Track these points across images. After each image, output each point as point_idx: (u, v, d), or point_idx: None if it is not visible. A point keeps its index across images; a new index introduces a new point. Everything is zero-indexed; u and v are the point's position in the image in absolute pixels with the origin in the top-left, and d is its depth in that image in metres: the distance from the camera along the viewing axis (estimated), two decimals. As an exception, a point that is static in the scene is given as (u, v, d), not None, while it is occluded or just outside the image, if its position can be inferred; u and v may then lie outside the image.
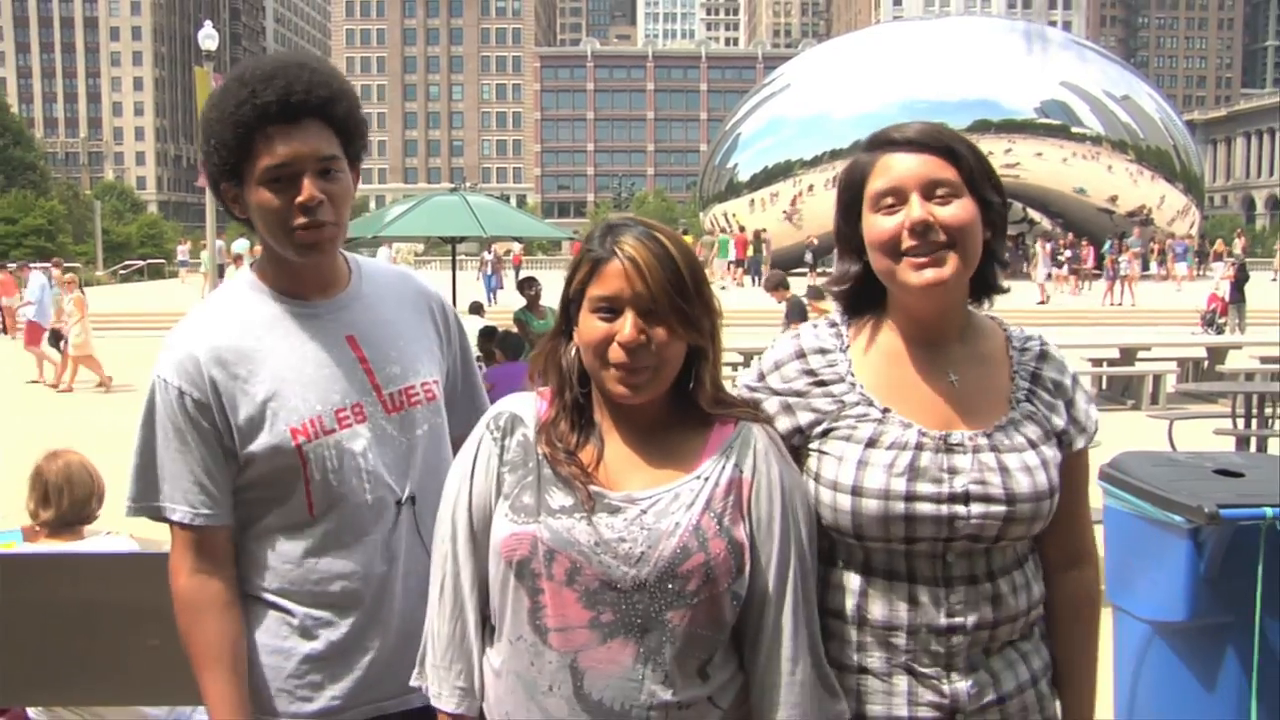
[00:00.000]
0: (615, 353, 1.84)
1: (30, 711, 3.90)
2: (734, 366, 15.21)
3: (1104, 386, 16.62)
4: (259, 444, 2.17)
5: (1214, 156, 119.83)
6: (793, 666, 1.89)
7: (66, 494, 4.09)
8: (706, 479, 1.89)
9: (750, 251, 39.65)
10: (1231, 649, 3.49)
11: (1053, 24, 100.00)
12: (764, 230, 40.88)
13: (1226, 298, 25.07)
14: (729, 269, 39.91)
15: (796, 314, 12.78)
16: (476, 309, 15.56)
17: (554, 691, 1.84)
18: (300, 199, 2.13)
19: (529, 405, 2.00)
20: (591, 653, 1.82)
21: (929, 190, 1.93)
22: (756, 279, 38.57)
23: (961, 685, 1.95)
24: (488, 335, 11.17)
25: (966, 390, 2.01)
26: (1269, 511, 3.42)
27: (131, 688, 3.46)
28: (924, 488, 1.93)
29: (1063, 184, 42.42)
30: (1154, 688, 3.74)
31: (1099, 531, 4.95)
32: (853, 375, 2.04)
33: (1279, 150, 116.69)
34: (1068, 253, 37.39)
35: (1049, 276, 32.30)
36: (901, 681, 1.96)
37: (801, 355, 2.08)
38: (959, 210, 1.93)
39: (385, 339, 2.31)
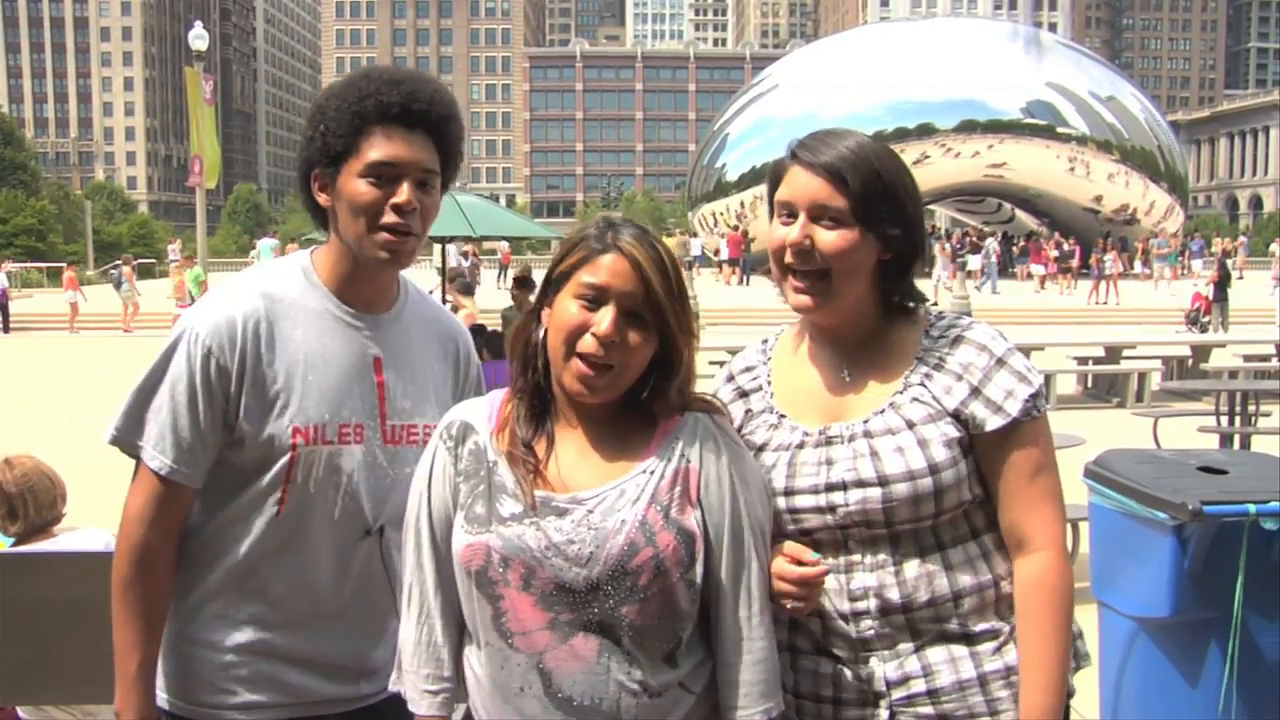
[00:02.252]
0: (586, 343, 1.85)
1: (21, 711, 3.90)
2: (723, 365, 15.23)
3: (1089, 385, 16.68)
4: (260, 428, 2.17)
5: (1198, 157, 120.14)
6: (753, 646, 1.91)
7: (30, 502, 4.04)
8: (652, 472, 1.90)
9: (744, 250, 39.68)
10: (1215, 644, 3.52)
11: (1038, 25, 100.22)
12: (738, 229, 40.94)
13: (1210, 296, 25.18)
14: (721, 268, 39.95)
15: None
16: (467, 289, 15.51)
17: (526, 692, 1.86)
18: (397, 200, 2.14)
19: (480, 412, 2.02)
20: (555, 652, 1.84)
21: (817, 214, 2.01)
22: (748, 278, 38.66)
23: (880, 670, 2.00)
24: (476, 333, 11.18)
25: (858, 385, 2.08)
26: (1252, 508, 3.46)
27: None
28: (802, 482, 2.03)
29: (1047, 184, 42.52)
30: (1138, 683, 3.77)
31: (1084, 529, 4.99)
32: (769, 384, 2.17)
33: (1261, 150, 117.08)
34: (1056, 251, 37.57)
35: (954, 275, 30.46)
36: (827, 664, 2.04)
37: (730, 378, 2.25)
38: (838, 240, 1.99)
39: (407, 372, 2.31)
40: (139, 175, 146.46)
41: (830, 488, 2.01)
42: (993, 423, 1.99)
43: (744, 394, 2.18)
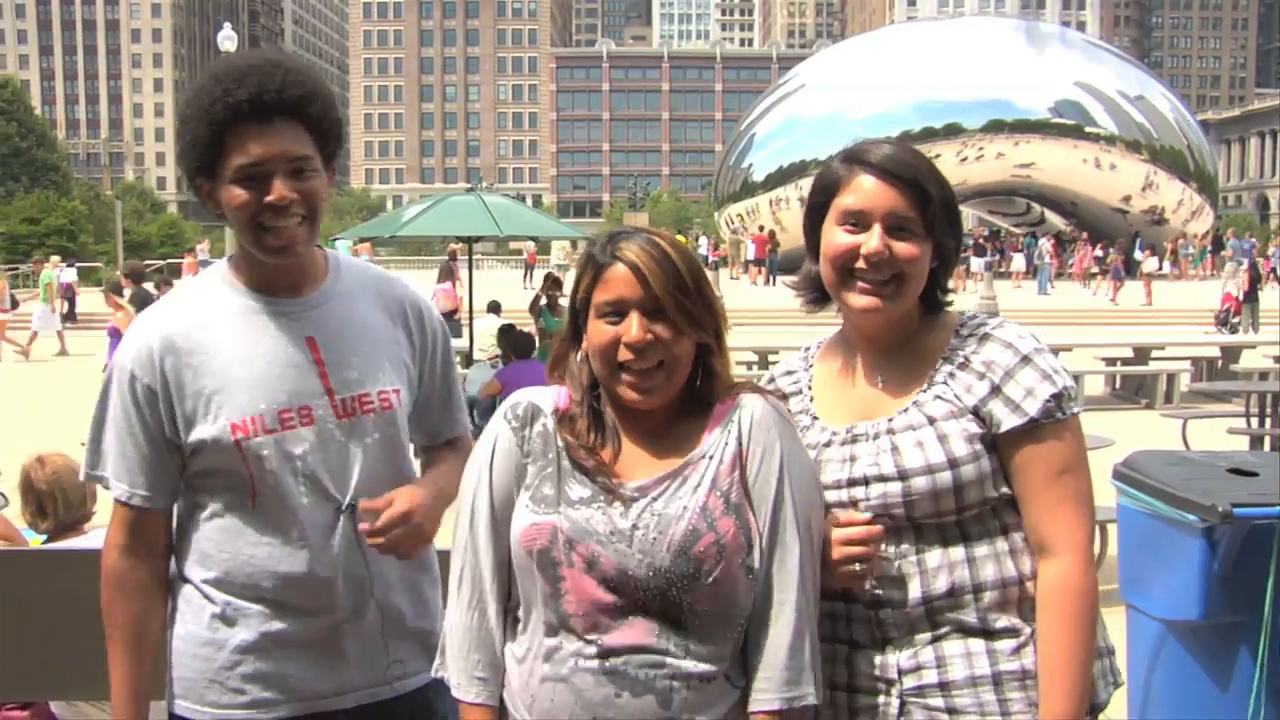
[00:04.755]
0: (623, 353, 1.91)
1: (54, 706, 3.93)
2: (749, 366, 15.25)
3: (1118, 386, 16.59)
4: (201, 434, 2.20)
5: (1228, 156, 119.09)
6: (781, 632, 1.92)
7: (61, 500, 4.08)
8: (711, 457, 1.95)
9: (770, 250, 39.65)
10: (1244, 648, 3.49)
11: (1066, 24, 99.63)
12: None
13: (1241, 297, 24.97)
14: (747, 268, 39.93)
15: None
16: (494, 308, 15.58)
17: (579, 671, 1.87)
18: (270, 199, 2.13)
19: (548, 396, 2.05)
20: (614, 635, 1.87)
21: (894, 224, 2.03)
22: (774, 278, 38.60)
23: (894, 659, 2.02)
24: (505, 333, 11.19)
25: (889, 387, 2.11)
26: (1282, 510, 3.43)
27: (153, 682, 3.49)
28: (826, 477, 2.07)
29: (1075, 184, 42.30)
30: (1167, 686, 3.75)
31: (1113, 531, 4.96)
32: (810, 388, 2.22)
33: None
34: (1097, 252, 37.41)
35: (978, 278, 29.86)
36: (842, 649, 2.06)
37: (771, 380, 2.30)
38: (914, 249, 2.04)
39: (347, 343, 2.29)
40: (168, 175, 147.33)
41: (853, 482, 2.04)
42: (1010, 421, 1.99)
43: (783, 396, 2.21)
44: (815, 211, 2.14)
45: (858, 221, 2.05)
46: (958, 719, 1.99)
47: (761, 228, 42.14)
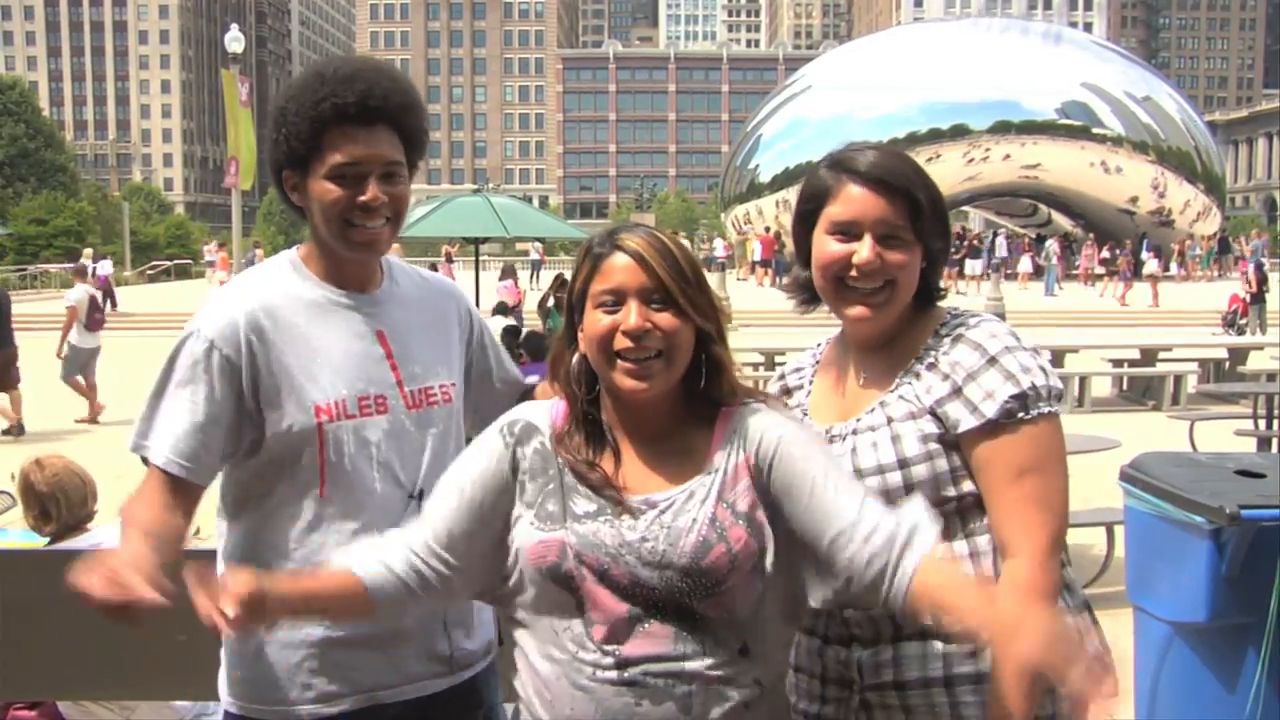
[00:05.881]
0: (620, 340, 1.88)
1: (61, 706, 3.95)
2: (755, 367, 15.24)
3: (1125, 387, 16.56)
4: (283, 413, 2.22)
5: (1235, 157, 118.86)
6: (866, 513, 1.87)
7: (63, 502, 4.09)
8: (717, 470, 1.93)
9: (776, 251, 39.63)
10: (1252, 650, 3.49)
11: (1073, 25, 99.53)
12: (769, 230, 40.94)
13: (1247, 298, 24.92)
14: (754, 269, 39.92)
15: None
16: (501, 309, 15.61)
17: (598, 682, 1.88)
18: (364, 198, 2.21)
19: (543, 413, 2.04)
20: (631, 645, 1.87)
21: (885, 233, 2.04)
22: (781, 278, 38.58)
23: (857, 656, 2.05)
24: (512, 334, 11.21)
25: (867, 386, 2.13)
26: (1290, 513, 3.42)
27: (160, 682, 3.50)
28: None
29: (1082, 185, 42.24)
30: (1174, 688, 3.75)
31: (1120, 532, 4.95)
32: (810, 384, 2.27)
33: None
34: (1108, 254, 37.36)
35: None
36: (815, 642, 2.11)
37: (781, 377, 2.36)
38: (905, 257, 2.05)
39: (411, 339, 2.38)
40: (175, 177, 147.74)
41: None
42: (967, 423, 1.98)
43: (788, 390, 2.29)
44: (804, 219, 2.15)
45: (848, 231, 2.06)
46: (913, 719, 2.00)
47: (768, 229, 42.13)
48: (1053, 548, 1.95)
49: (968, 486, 2.01)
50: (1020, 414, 1.96)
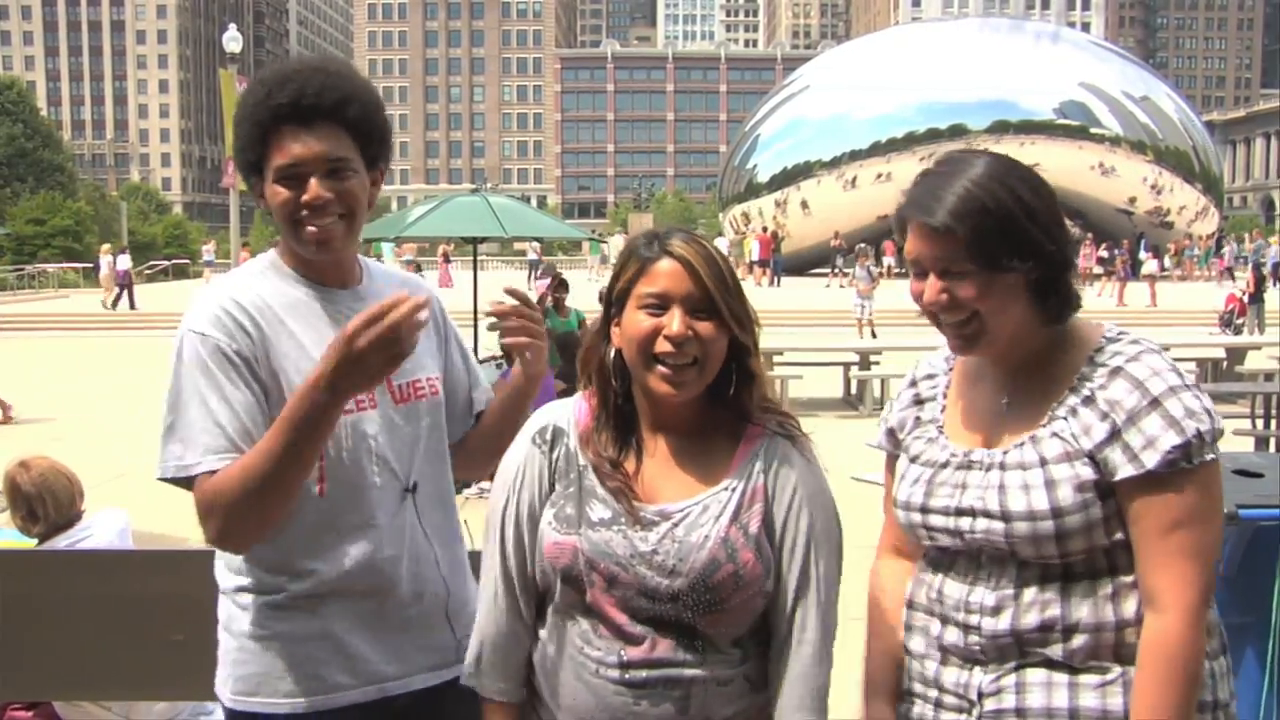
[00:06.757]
0: (661, 345, 1.93)
1: (58, 706, 3.94)
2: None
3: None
4: (277, 411, 2.18)
5: (1233, 157, 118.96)
6: (801, 664, 1.99)
7: (50, 502, 4.07)
8: (733, 490, 1.98)
9: (774, 251, 39.68)
10: (1251, 649, 3.49)
11: (1071, 25, 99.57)
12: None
13: (1245, 299, 24.91)
14: (751, 269, 39.94)
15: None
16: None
17: (601, 679, 1.96)
18: (305, 198, 2.21)
19: (568, 414, 2.10)
20: (635, 650, 1.95)
21: (944, 269, 1.96)
22: (778, 278, 38.61)
23: (977, 680, 1.98)
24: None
25: (1014, 412, 2.02)
26: (1288, 512, 3.42)
27: (156, 682, 3.50)
28: (936, 501, 2.03)
29: (1080, 185, 42.26)
30: (1172, 687, 3.74)
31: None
32: (945, 396, 2.16)
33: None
34: (1102, 252, 37.38)
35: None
36: (931, 666, 2.04)
37: (913, 383, 2.23)
38: (973, 288, 1.94)
39: None
40: (174, 177, 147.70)
41: (960, 512, 1.99)
42: (1124, 471, 1.87)
43: (919, 401, 2.19)
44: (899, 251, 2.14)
45: (920, 271, 2.00)
46: None
47: (765, 229, 42.16)
48: (1203, 602, 1.89)
49: (1119, 535, 1.92)
50: (1182, 463, 1.86)
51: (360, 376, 2.02)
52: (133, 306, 31.62)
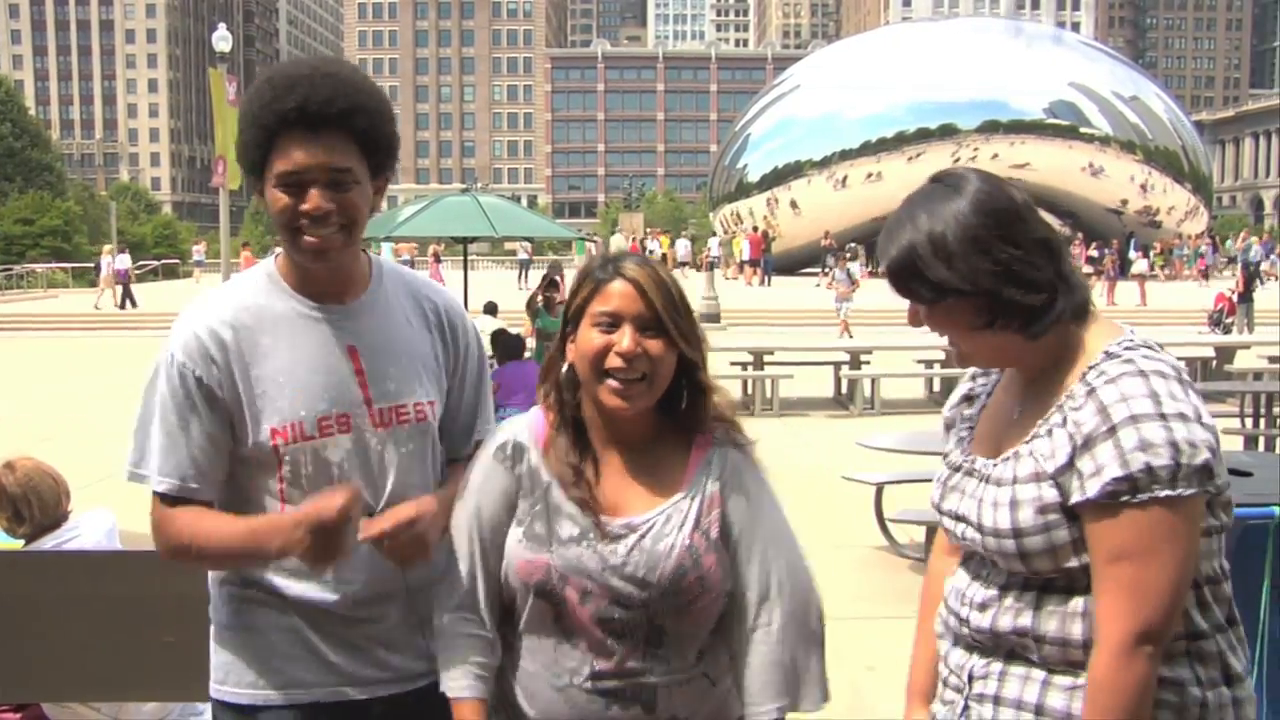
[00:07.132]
0: (613, 360, 2.04)
1: (46, 708, 3.93)
2: (744, 365, 15.25)
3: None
4: (245, 434, 2.21)
5: (1222, 157, 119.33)
6: (768, 649, 2.11)
7: (36, 503, 4.06)
8: (693, 498, 2.11)
9: (764, 250, 39.71)
10: (1240, 648, 3.49)
11: (1061, 25, 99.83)
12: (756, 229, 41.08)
13: (1234, 298, 25.00)
14: (742, 268, 40.00)
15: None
16: (490, 309, 15.57)
17: (572, 684, 2.07)
18: (305, 207, 2.16)
19: (528, 429, 2.18)
20: (605, 661, 2.07)
21: (917, 306, 2.02)
22: (768, 278, 38.64)
23: (969, 663, 2.05)
24: (495, 337, 11.19)
25: (1019, 423, 2.03)
26: (1277, 510, 3.44)
27: (146, 683, 3.50)
28: (946, 504, 2.12)
29: (1070, 184, 42.39)
30: (1162, 686, 3.74)
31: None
32: (988, 397, 2.19)
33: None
34: (1091, 252, 37.48)
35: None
36: (944, 646, 2.13)
37: (972, 378, 2.28)
38: (941, 322, 2.00)
39: (387, 355, 2.31)
40: (163, 176, 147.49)
41: (956, 517, 2.07)
42: (1075, 496, 1.86)
43: (969, 399, 2.23)
44: None
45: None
46: None
47: (755, 228, 42.19)
48: (1135, 641, 1.81)
49: (1087, 558, 1.88)
50: (1125, 497, 1.80)
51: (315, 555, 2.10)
52: (134, 305, 31.71)
